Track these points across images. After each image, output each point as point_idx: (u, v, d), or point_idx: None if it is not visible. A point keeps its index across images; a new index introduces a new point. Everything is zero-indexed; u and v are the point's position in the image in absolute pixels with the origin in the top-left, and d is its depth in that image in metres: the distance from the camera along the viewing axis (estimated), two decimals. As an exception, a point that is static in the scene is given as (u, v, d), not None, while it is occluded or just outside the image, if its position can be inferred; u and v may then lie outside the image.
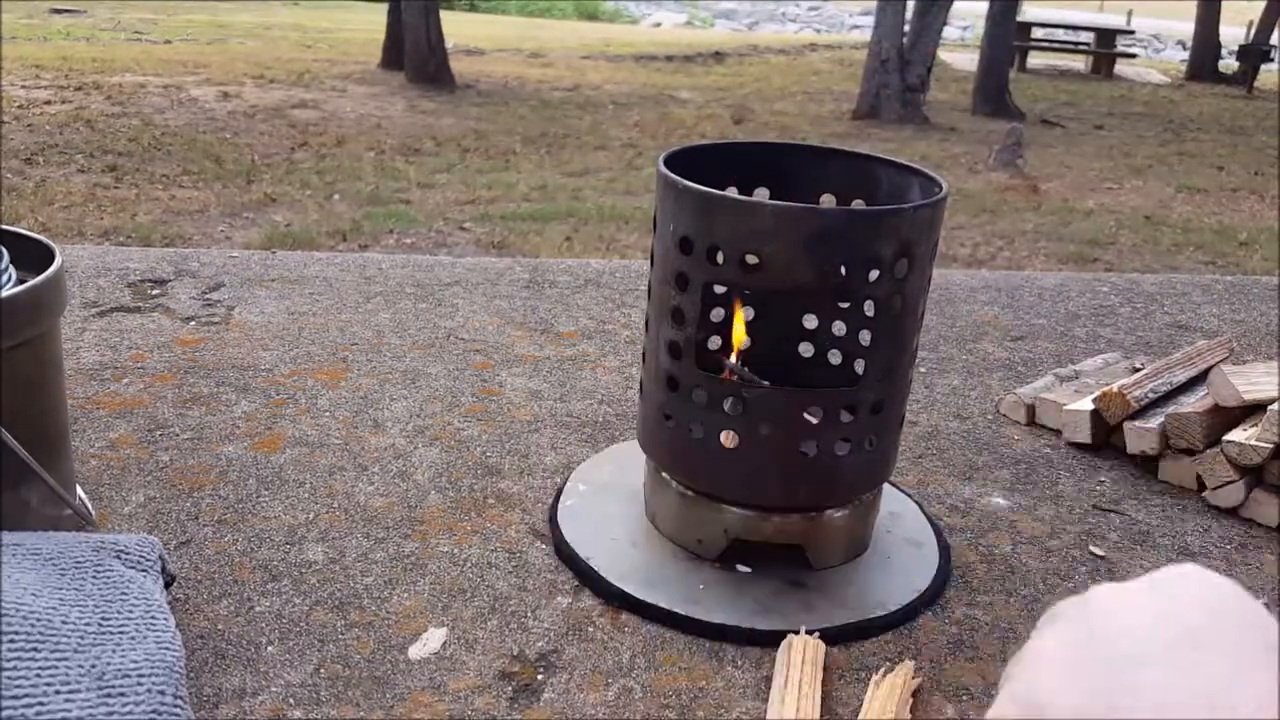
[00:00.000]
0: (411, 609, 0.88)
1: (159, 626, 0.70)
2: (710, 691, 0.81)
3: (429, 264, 1.75)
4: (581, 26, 17.20)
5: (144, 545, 0.79)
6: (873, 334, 0.89)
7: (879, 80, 8.67)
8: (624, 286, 1.71)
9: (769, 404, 0.87)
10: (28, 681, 0.61)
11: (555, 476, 1.11)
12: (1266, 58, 12.90)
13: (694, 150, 0.97)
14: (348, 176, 5.38)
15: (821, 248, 0.82)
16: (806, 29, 20.53)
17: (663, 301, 0.90)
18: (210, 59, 9.30)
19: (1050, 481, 1.19)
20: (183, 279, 1.59)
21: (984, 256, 4.56)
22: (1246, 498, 1.15)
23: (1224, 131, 8.95)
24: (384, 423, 1.19)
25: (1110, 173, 6.81)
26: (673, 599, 0.90)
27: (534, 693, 0.79)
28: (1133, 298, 1.86)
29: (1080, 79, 12.56)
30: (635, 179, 5.79)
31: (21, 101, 6.73)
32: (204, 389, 1.24)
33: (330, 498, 1.03)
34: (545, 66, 10.52)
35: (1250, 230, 5.42)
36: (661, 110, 8.27)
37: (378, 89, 8.43)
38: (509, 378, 1.34)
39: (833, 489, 0.92)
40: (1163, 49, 18.52)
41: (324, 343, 1.40)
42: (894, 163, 0.97)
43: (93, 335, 1.37)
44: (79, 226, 4.12)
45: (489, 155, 6.24)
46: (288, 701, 0.76)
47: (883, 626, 0.90)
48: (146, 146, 5.76)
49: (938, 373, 1.47)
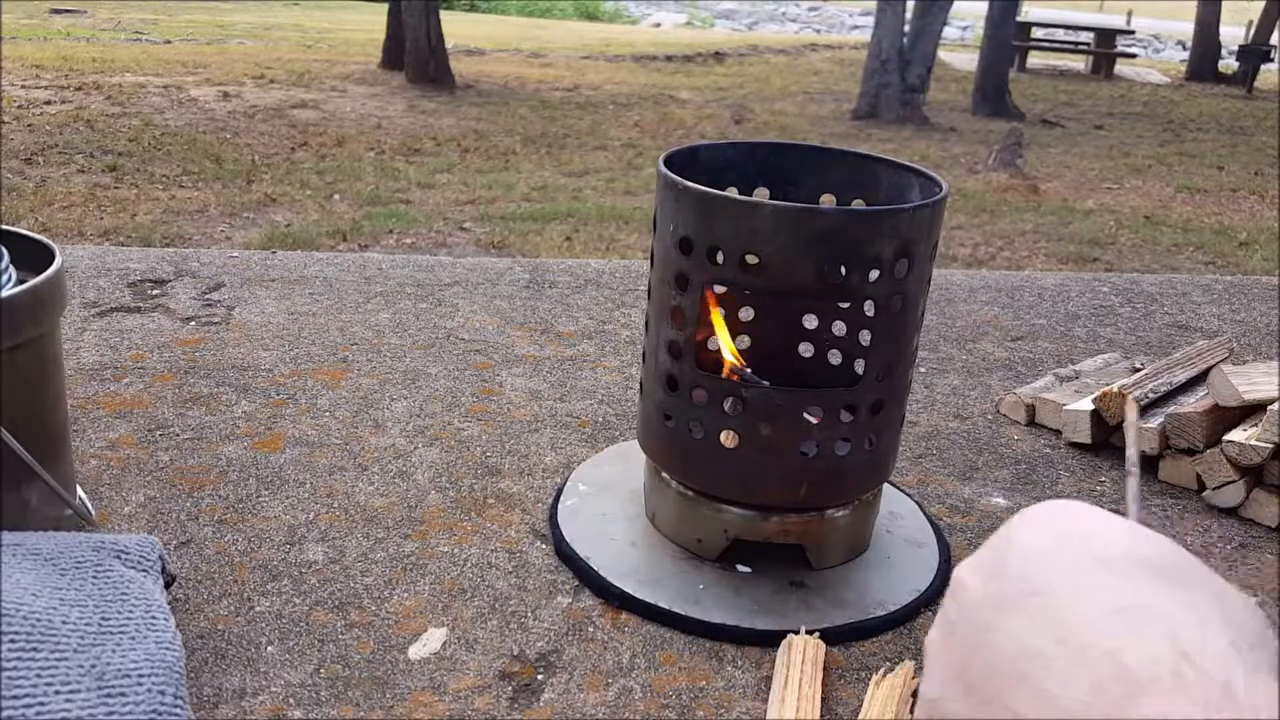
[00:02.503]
0: (411, 609, 0.88)
1: (159, 626, 0.70)
2: (710, 691, 0.81)
3: (429, 264, 1.75)
4: (581, 27, 17.20)
5: (144, 545, 0.79)
6: (873, 334, 0.89)
7: (879, 80, 8.68)
8: (624, 286, 1.71)
9: (769, 404, 0.87)
10: (28, 681, 0.61)
11: (555, 476, 1.11)
12: (1266, 58, 12.90)
13: (694, 150, 0.97)
14: (348, 176, 5.38)
15: (821, 248, 0.82)
16: (806, 29, 20.53)
17: (663, 301, 0.90)
18: (210, 59, 9.30)
19: (1050, 481, 1.19)
20: (183, 279, 1.59)
21: (984, 256, 4.56)
22: (1246, 498, 1.15)
23: (1224, 131, 8.95)
24: (384, 423, 1.20)
25: (1110, 173, 6.81)
26: (672, 599, 0.90)
27: (534, 693, 0.79)
28: (1133, 298, 1.86)
29: (1080, 79, 12.55)
30: (635, 179, 5.79)
31: (21, 101, 6.73)
32: (204, 389, 1.24)
33: (330, 498, 1.03)
34: (545, 66, 10.52)
35: (1250, 230, 5.42)
36: (661, 110, 8.27)
37: (378, 89, 8.43)
38: (509, 378, 1.34)
39: (833, 489, 0.92)
40: (1163, 49, 18.52)
41: (324, 343, 1.40)
42: (894, 163, 0.97)
43: (93, 335, 1.37)
44: (79, 226, 4.12)
45: (489, 155, 6.24)
46: (288, 701, 0.76)
47: (883, 626, 0.90)
48: (147, 146, 5.76)
49: (938, 373, 1.47)
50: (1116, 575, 0.39)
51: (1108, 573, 0.39)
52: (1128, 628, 0.37)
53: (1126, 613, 0.37)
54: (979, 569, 0.44)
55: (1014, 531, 0.44)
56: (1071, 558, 0.41)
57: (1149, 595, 0.38)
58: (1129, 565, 0.40)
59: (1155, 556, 0.40)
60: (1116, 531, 0.42)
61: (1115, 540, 0.41)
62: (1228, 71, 13.26)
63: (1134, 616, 0.37)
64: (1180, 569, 0.40)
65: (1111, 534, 0.42)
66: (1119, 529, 0.42)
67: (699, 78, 10.56)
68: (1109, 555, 0.40)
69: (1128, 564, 0.40)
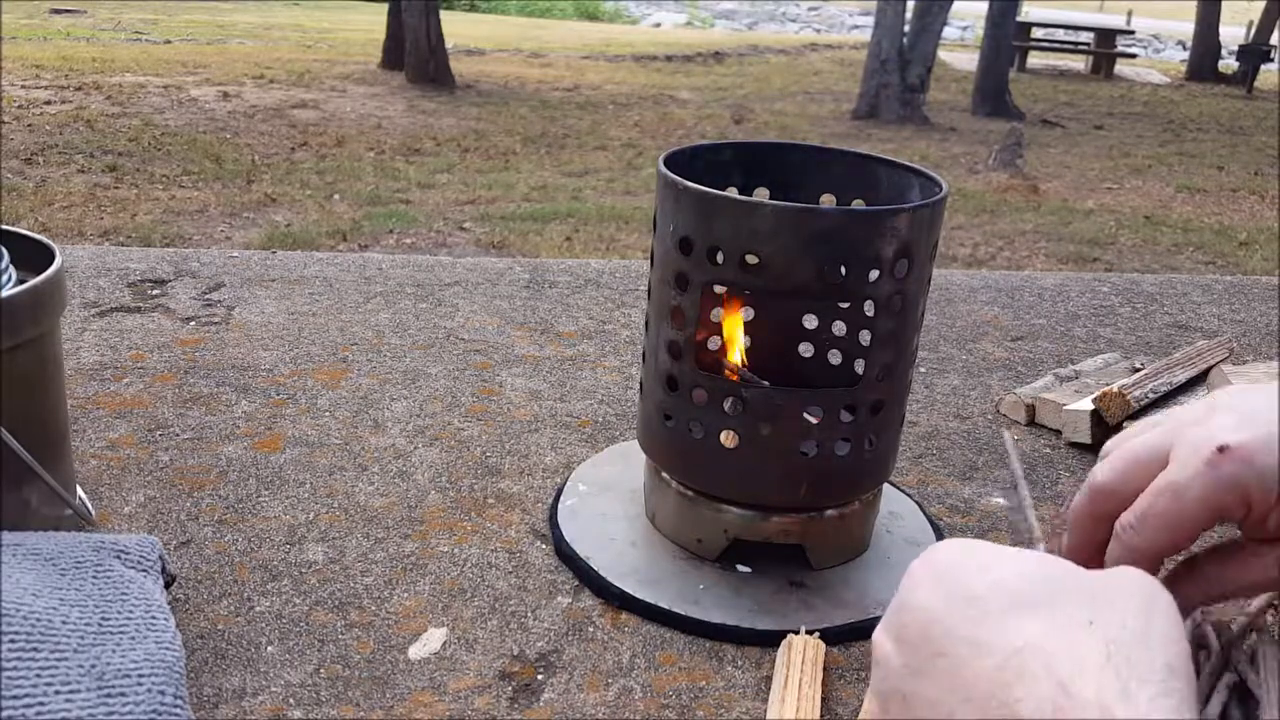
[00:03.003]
0: (411, 609, 0.88)
1: (159, 626, 0.70)
2: (710, 691, 0.81)
3: (429, 264, 1.75)
4: (581, 27, 17.19)
5: (144, 545, 0.79)
6: (873, 334, 0.89)
7: (879, 80, 8.68)
8: (624, 286, 1.71)
9: (769, 404, 0.87)
10: (28, 681, 0.61)
11: (555, 476, 1.11)
12: (1266, 58, 12.91)
13: (694, 150, 0.97)
14: (348, 176, 5.38)
15: (821, 248, 0.82)
16: (806, 29, 20.53)
17: (663, 301, 0.90)
18: (210, 59, 9.30)
19: (1050, 481, 1.20)
20: (183, 279, 1.59)
21: (984, 256, 4.56)
22: (1246, 498, 1.15)
23: (1224, 131, 8.95)
24: (384, 423, 1.20)
25: (1110, 173, 6.81)
26: (672, 599, 0.90)
27: (534, 693, 0.79)
28: (1133, 298, 1.86)
29: (1080, 79, 12.56)
30: (635, 179, 5.79)
31: (21, 101, 6.73)
32: (204, 389, 1.24)
33: (330, 498, 1.04)
34: (545, 66, 10.52)
35: (1250, 230, 5.42)
36: (661, 110, 8.27)
37: (378, 89, 8.43)
38: (509, 378, 1.34)
39: (833, 489, 0.92)
40: (1163, 49, 18.52)
41: (324, 343, 1.40)
42: (894, 163, 0.97)
43: (93, 335, 1.37)
44: (79, 226, 4.12)
45: (489, 155, 6.24)
46: (288, 701, 0.76)
47: (883, 626, 0.90)
48: (146, 146, 5.76)
49: (938, 373, 1.47)
50: (1001, 619, 0.40)
51: (993, 619, 0.41)
52: (1017, 674, 0.38)
53: (1014, 657, 0.38)
54: (890, 633, 0.45)
55: (907, 594, 0.45)
56: (959, 611, 0.42)
57: (1029, 633, 0.39)
58: (1010, 604, 0.41)
59: (1027, 586, 0.42)
60: (995, 572, 0.43)
61: (996, 582, 0.43)
62: (1228, 71, 13.27)
63: (1019, 660, 0.38)
64: (1051, 589, 0.41)
65: (990, 575, 0.43)
66: (995, 567, 0.44)
67: (699, 78, 10.57)
68: (991, 600, 0.42)
69: (1009, 603, 0.41)
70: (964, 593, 0.42)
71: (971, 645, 0.40)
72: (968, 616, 0.41)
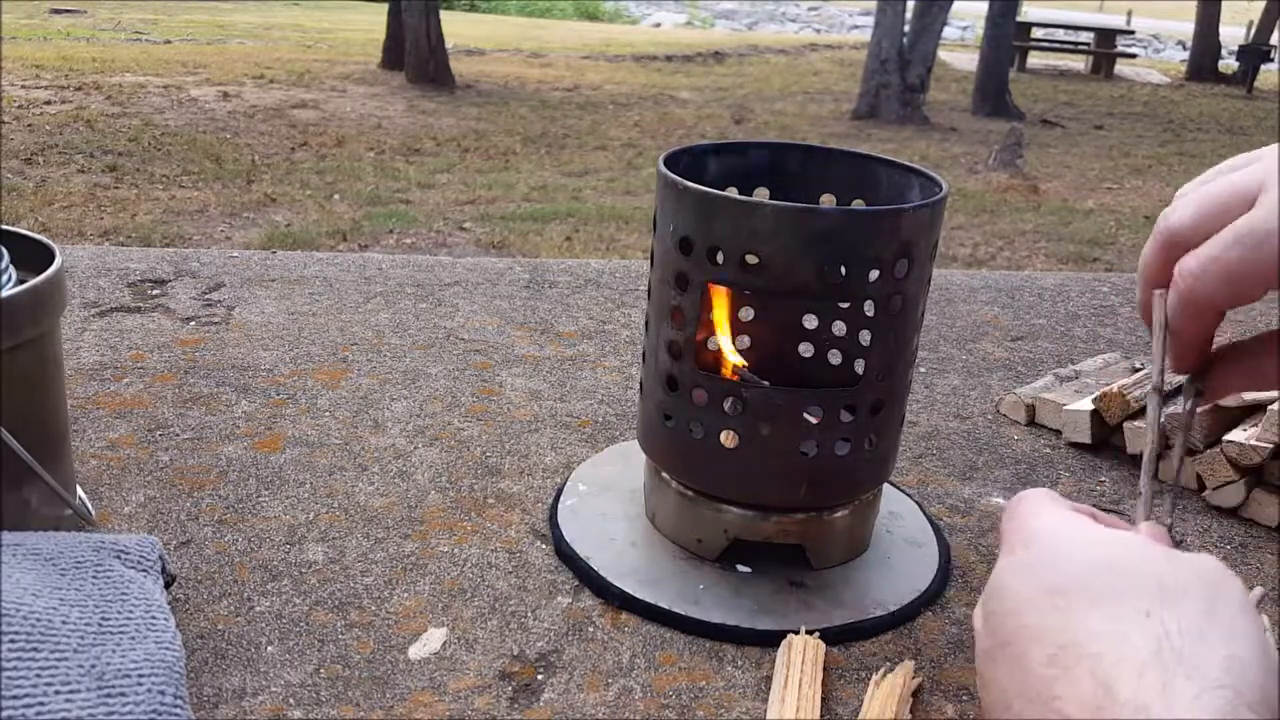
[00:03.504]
0: (411, 609, 0.88)
1: (159, 626, 0.70)
2: (710, 691, 0.81)
3: (429, 264, 1.75)
4: (581, 27, 17.20)
5: (144, 545, 0.79)
6: (873, 334, 0.89)
7: (879, 80, 8.69)
8: (624, 286, 1.71)
9: (769, 404, 0.87)
10: (28, 681, 0.61)
11: (555, 476, 1.11)
12: (1266, 58, 12.91)
13: (694, 150, 0.97)
14: (348, 176, 5.38)
15: (821, 248, 0.82)
16: (806, 29, 20.54)
17: (663, 301, 0.90)
18: (210, 59, 9.31)
19: (1050, 481, 1.20)
20: (183, 279, 1.59)
21: (984, 256, 4.57)
22: (1246, 498, 1.15)
23: (1224, 131, 8.96)
24: (384, 423, 1.20)
25: (1110, 173, 6.82)
26: (672, 599, 0.90)
27: (534, 693, 0.79)
28: (1132, 298, 1.86)
29: (1080, 79, 12.56)
30: (635, 179, 5.80)
31: (21, 101, 6.73)
32: (204, 389, 1.24)
33: (330, 498, 1.04)
34: (545, 66, 10.52)
35: (1250, 230, 5.43)
36: (661, 110, 8.27)
37: (378, 89, 8.43)
38: (509, 378, 1.34)
39: (833, 489, 0.92)
40: (1163, 49, 18.53)
41: (324, 343, 1.40)
42: (894, 163, 0.97)
43: (93, 335, 1.37)
44: (79, 226, 4.12)
45: (489, 155, 6.24)
46: (288, 701, 0.76)
47: (883, 626, 0.90)
48: (146, 146, 5.76)
49: (938, 373, 1.47)
50: (1059, 610, 0.39)
51: (1054, 609, 0.39)
52: (1065, 672, 0.37)
53: (1061, 653, 0.37)
54: (982, 610, 0.45)
55: (1000, 575, 0.44)
56: (1028, 596, 0.41)
57: (1079, 629, 0.38)
58: (1079, 597, 0.39)
59: (1098, 579, 0.39)
60: (1070, 553, 0.41)
61: (1067, 566, 0.41)
62: (1228, 71, 13.27)
63: (1067, 656, 0.37)
64: (1122, 581, 0.39)
65: (1065, 557, 0.41)
66: (1073, 546, 0.42)
67: (699, 78, 10.57)
68: (1059, 585, 0.40)
69: (1074, 589, 0.39)
70: (1043, 584, 0.40)
71: (1032, 635, 0.39)
72: (1033, 602, 0.40)
